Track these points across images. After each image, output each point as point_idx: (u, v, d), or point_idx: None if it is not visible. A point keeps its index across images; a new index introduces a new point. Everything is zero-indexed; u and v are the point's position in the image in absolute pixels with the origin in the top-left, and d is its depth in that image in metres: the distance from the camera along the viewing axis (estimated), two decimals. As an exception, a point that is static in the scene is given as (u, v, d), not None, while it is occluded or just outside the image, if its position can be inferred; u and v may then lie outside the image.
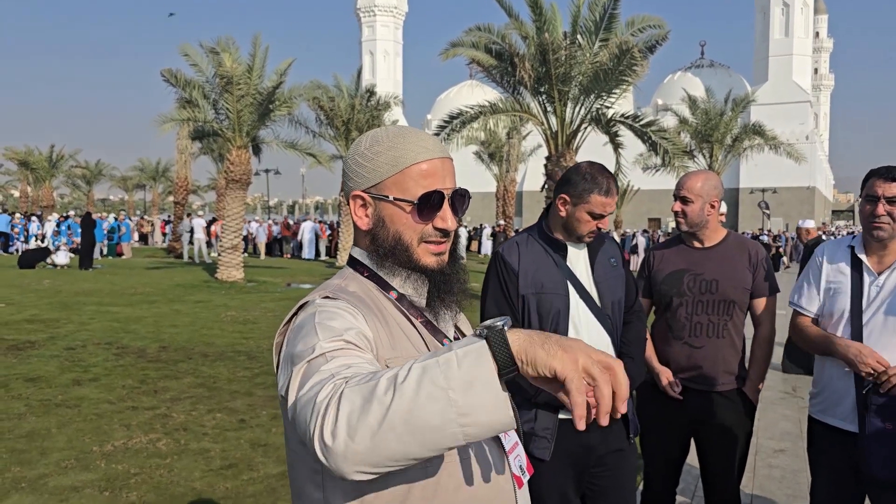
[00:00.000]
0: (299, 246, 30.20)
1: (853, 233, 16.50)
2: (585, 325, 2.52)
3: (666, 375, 3.03)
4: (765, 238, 29.48)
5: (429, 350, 1.29)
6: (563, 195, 2.54)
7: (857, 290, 2.70)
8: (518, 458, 1.36)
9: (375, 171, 1.31)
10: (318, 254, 30.49)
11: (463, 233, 36.31)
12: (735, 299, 3.01)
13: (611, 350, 2.57)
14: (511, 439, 1.36)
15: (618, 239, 35.14)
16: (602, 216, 2.50)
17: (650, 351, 3.10)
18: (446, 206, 1.32)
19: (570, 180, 2.53)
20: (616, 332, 2.59)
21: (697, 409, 3.03)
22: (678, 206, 3.05)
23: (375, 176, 1.31)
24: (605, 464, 2.56)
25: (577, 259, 2.59)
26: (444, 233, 1.33)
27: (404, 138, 1.32)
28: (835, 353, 2.67)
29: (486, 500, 1.26)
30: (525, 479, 1.36)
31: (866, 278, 2.71)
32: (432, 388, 0.93)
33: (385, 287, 1.34)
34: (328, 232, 31.57)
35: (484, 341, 0.96)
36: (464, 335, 1.45)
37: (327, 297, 1.26)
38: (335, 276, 1.40)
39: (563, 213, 2.55)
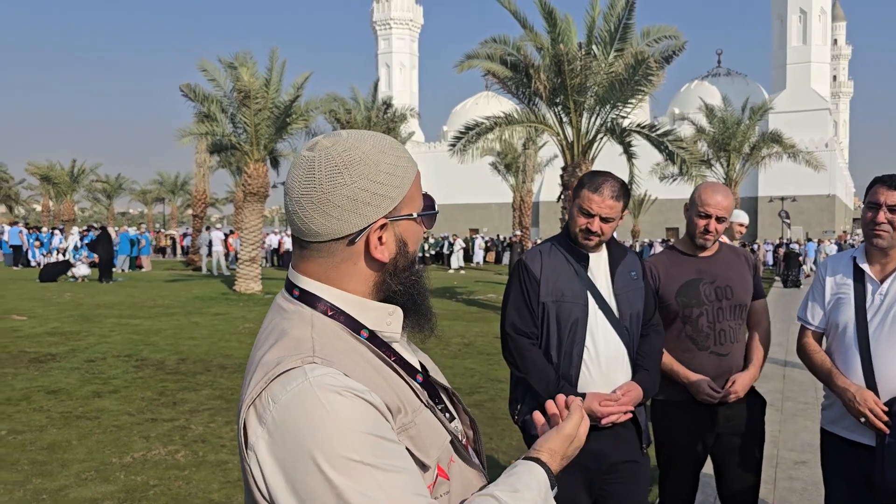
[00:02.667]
0: None
1: None
2: (602, 335, 2.54)
3: (706, 382, 2.94)
4: (795, 247, 29.12)
5: (417, 395, 1.13)
6: (568, 193, 2.64)
7: (861, 299, 2.69)
8: None
9: (396, 188, 1.11)
10: None
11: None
12: (746, 303, 3.08)
13: (627, 361, 2.58)
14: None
15: (636, 248, 34.95)
16: (592, 214, 2.52)
17: (678, 366, 3.02)
18: None
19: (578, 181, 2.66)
20: (633, 343, 2.61)
21: (724, 417, 3.00)
22: (714, 226, 2.98)
23: (397, 195, 1.11)
24: (618, 472, 2.57)
25: (599, 270, 2.63)
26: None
27: (395, 149, 1.14)
28: (834, 389, 2.69)
29: None
30: None
31: (869, 287, 2.70)
32: None
33: (354, 327, 1.11)
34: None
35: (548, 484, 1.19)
36: (425, 371, 1.24)
37: (310, 363, 1.00)
38: (294, 323, 1.10)
39: (567, 213, 2.68)
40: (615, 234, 2.79)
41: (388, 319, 1.15)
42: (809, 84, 67.65)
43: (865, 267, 2.72)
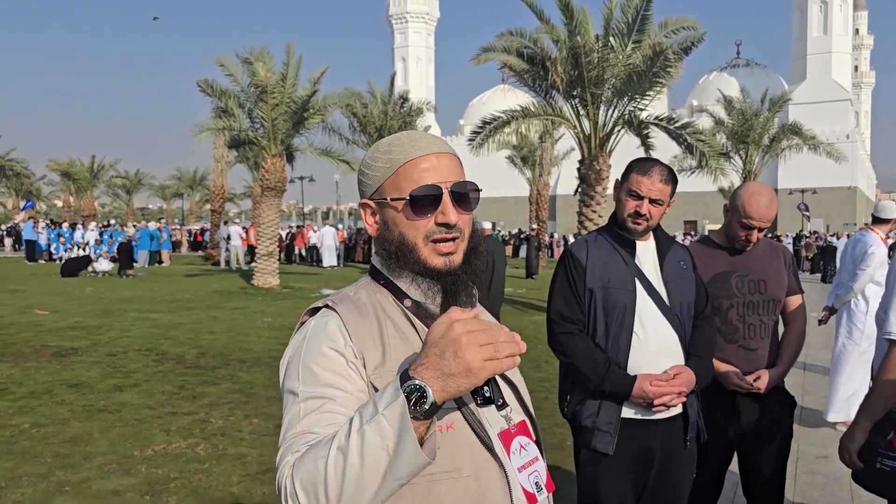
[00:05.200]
0: (317, 254, 28.92)
1: None
2: (652, 322, 2.52)
3: (735, 373, 2.93)
4: (833, 241, 28.56)
5: None
6: (617, 179, 2.66)
7: None
8: (534, 473, 1.32)
9: (374, 176, 1.34)
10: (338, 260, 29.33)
11: None
12: (780, 298, 3.03)
13: (679, 349, 2.55)
14: (529, 454, 1.33)
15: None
16: (640, 197, 2.52)
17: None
18: (447, 200, 1.28)
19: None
20: (685, 332, 2.58)
21: (751, 415, 2.97)
22: (756, 236, 2.95)
23: (375, 181, 1.34)
24: (663, 464, 2.55)
25: (646, 257, 2.62)
26: (448, 227, 1.29)
27: (399, 140, 1.34)
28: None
29: None
30: (540, 497, 1.31)
31: None
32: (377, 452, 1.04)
33: (400, 295, 1.35)
34: (346, 239, 31.15)
35: (405, 405, 1.03)
36: None
37: (327, 307, 1.32)
38: (353, 284, 1.42)
39: (615, 199, 2.65)
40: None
41: (427, 294, 1.33)
42: (830, 74, 66.82)
43: None
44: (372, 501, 1.05)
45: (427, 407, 1.03)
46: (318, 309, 1.34)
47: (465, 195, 1.31)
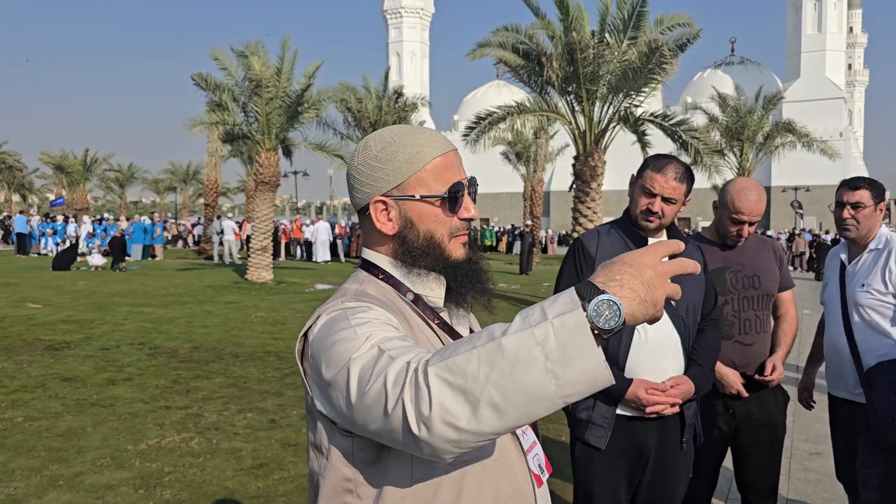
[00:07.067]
0: (309, 248, 28.58)
1: None
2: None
3: (738, 379, 2.95)
4: (827, 238, 28.63)
5: None
6: (632, 175, 2.66)
7: (842, 280, 3.12)
8: (536, 456, 1.37)
9: (395, 171, 1.29)
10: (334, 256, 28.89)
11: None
12: (773, 293, 3.06)
13: (679, 350, 2.54)
14: (529, 438, 1.37)
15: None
16: (654, 194, 2.49)
17: None
18: (467, 196, 1.33)
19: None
20: (688, 334, 2.56)
21: (747, 410, 2.99)
22: (747, 230, 2.98)
23: (396, 177, 1.29)
24: (658, 464, 2.55)
25: None
26: (470, 222, 1.34)
27: (416, 136, 1.31)
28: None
29: (507, 499, 1.27)
30: (544, 478, 1.36)
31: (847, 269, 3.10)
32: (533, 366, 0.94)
33: (401, 289, 1.32)
34: (348, 232, 31.18)
35: (582, 315, 0.95)
36: None
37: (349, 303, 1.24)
38: (350, 281, 1.37)
39: (629, 195, 2.65)
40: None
41: (431, 286, 1.33)
42: (824, 72, 67.01)
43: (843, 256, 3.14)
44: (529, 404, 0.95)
45: (613, 325, 0.95)
46: (327, 314, 1.24)
47: (474, 189, 1.37)
